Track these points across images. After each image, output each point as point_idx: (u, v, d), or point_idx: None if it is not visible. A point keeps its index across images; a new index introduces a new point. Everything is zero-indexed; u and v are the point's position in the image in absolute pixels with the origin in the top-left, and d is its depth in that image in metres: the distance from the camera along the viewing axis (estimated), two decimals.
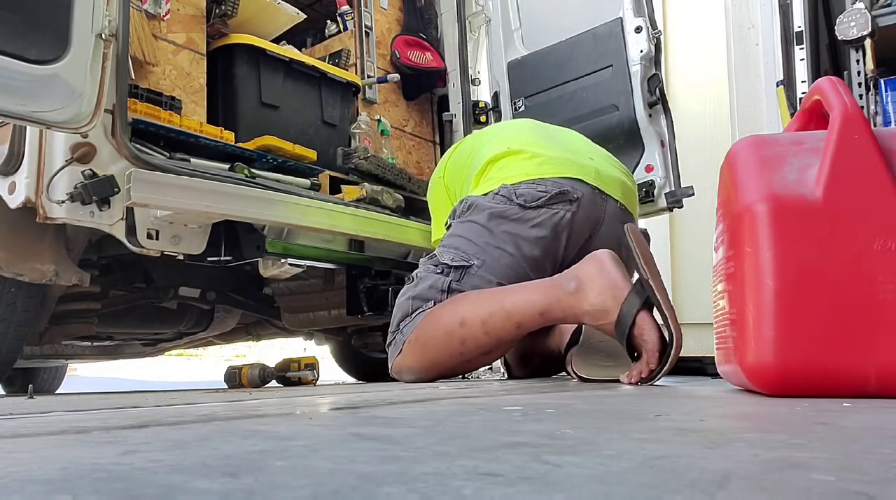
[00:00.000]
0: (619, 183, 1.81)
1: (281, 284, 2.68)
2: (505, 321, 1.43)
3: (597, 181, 1.74)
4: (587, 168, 1.76)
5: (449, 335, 1.46)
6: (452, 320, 1.46)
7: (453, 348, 1.46)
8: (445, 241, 1.68)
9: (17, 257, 1.70)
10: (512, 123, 2.23)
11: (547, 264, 1.67)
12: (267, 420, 0.72)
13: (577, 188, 1.69)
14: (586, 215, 1.70)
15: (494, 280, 1.57)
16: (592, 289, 1.39)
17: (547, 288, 1.44)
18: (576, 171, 1.73)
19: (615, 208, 1.77)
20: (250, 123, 2.14)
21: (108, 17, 1.37)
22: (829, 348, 1.01)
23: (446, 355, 1.48)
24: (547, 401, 0.96)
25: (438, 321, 1.48)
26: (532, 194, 1.64)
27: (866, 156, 1.05)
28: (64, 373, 4.26)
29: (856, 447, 0.52)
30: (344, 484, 0.36)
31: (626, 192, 1.83)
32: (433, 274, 1.58)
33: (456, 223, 1.70)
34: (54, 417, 0.81)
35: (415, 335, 1.51)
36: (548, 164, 1.73)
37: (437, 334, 1.47)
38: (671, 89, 3.35)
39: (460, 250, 1.61)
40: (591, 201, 1.71)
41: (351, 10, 2.66)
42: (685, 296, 3.30)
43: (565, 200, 1.66)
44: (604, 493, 0.34)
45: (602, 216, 1.74)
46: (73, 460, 0.44)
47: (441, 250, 1.64)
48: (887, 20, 1.86)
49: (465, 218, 1.67)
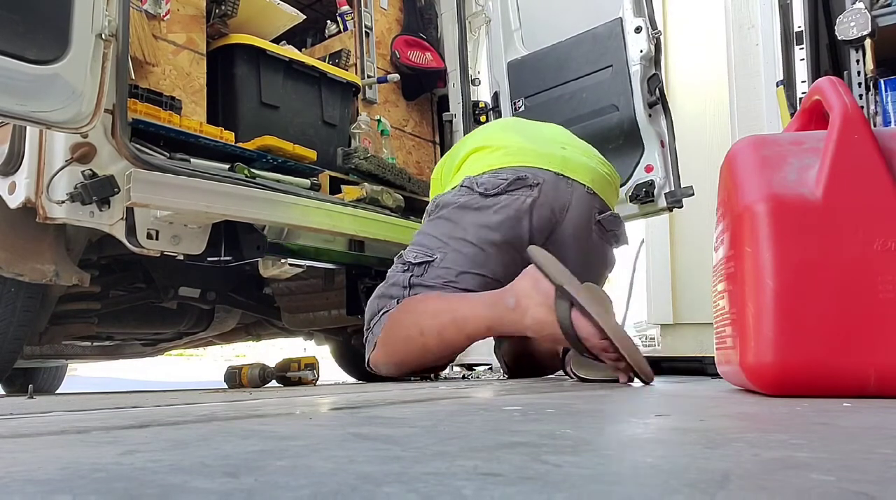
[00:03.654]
0: (587, 170, 1.83)
1: (281, 284, 2.68)
2: (457, 333, 1.58)
3: (562, 168, 1.78)
4: (553, 156, 1.80)
5: (412, 341, 1.62)
6: (413, 329, 1.62)
7: (417, 351, 1.63)
8: (414, 239, 1.80)
9: (17, 257, 1.70)
10: (496, 121, 2.25)
11: (513, 248, 1.72)
12: (267, 420, 0.72)
13: (537, 175, 1.75)
14: (549, 200, 1.74)
15: (456, 270, 1.68)
16: (530, 305, 1.49)
17: (492, 305, 1.55)
18: (538, 159, 1.78)
19: (583, 193, 1.79)
20: (250, 123, 2.14)
21: (108, 17, 1.37)
22: (829, 348, 1.01)
23: (412, 357, 1.65)
24: (547, 401, 0.96)
25: (400, 329, 1.64)
26: (492, 183, 1.73)
27: (866, 156, 1.05)
28: (64, 373, 4.25)
29: (856, 447, 0.52)
30: (344, 484, 0.36)
31: (596, 178, 1.84)
32: (398, 273, 1.74)
33: (426, 222, 1.82)
34: (54, 417, 0.81)
35: (383, 337, 1.68)
36: (510, 155, 1.79)
37: (401, 340, 1.64)
38: (671, 89, 3.35)
39: (424, 246, 1.73)
40: (554, 187, 1.75)
41: (351, 11, 2.66)
42: (685, 296, 3.30)
43: (525, 185, 1.72)
44: (604, 493, 0.34)
45: (569, 201, 1.77)
46: (73, 460, 0.44)
47: (408, 248, 1.78)
48: (887, 20, 1.86)
49: (434, 216, 1.79)
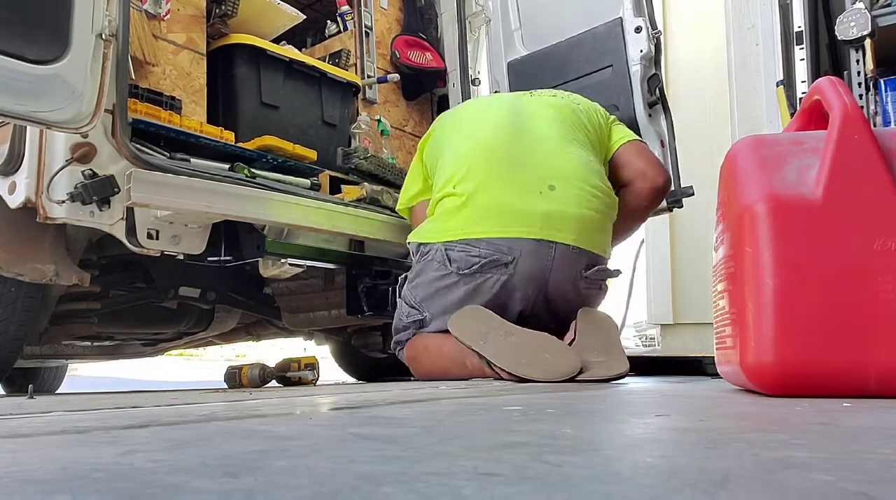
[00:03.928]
0: (574, 221, 1.74)
1: (281, 284, 2.67)
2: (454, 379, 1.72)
3: (543, 228, 1.71)
4: (533, 215, 1.72)
5: (426, 375, 1.83)
6: (421, 371, 1.85)
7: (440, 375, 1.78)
8: (411, 280, 1.87)
9: (17, 257, 1.70)
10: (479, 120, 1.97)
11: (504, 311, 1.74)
12: (267, 420, 0.72)
13: (513, 248, 1.71)
14: (527, 271, 1.72)
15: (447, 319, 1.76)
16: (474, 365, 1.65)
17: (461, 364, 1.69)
18: (515, 221, 1.71)
19: (566, 253, 1.73)
20: (250, 123, 2.14)
21: (108, 17, 1.37)
22: (829, 348, 1.01)
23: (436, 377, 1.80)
24: (547, 401, 0.96)
25: (416, 366, 1.86)
26: (465, 261, 1.73)
27: (866, 156, 1.05)
28: (64, 373, 4.25)
29: (856, 446, 0.52)
30: (344, 484, 0.36)
31: (584, 228, 1.76)
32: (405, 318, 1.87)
33: (415, 266, 1.88)
34: (54, 417, 0.81)
35: (407, 362, 1.90)
36: (484, 219, 1.74)
37: (419, 371, 1.86)
38: (671, 89, 3.35)
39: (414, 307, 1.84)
40: (533, 255, 1.72)
41: (351, 10, 2.65)
42: (685, 296, 3.30)
43: (499, 264, 1.71)
44: (604, 493, 0.34)
45: (550, 265, 1.73)
46: (73, 460, 0.44)
47: (408, 289, 1.87)
48: (887, 20, 1.86)
49: (420, 268, 1.84)
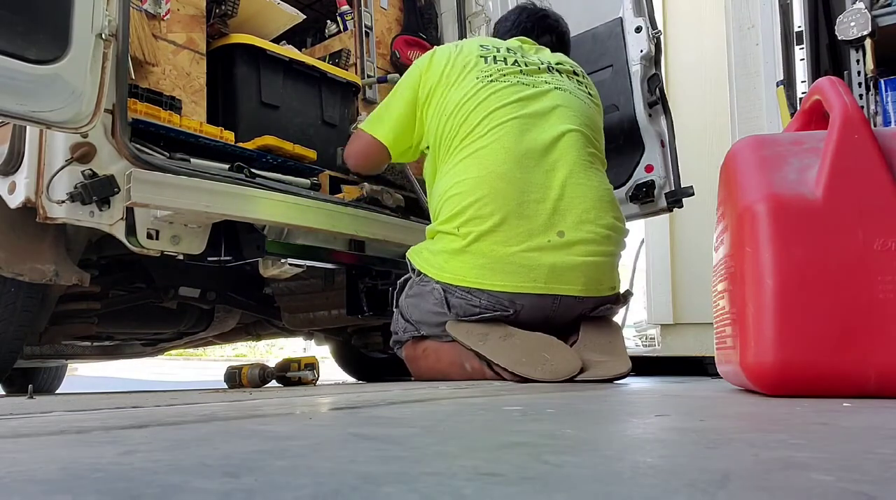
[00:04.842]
0: (580, 271, 1.67)
1: (281, 284, 2.67)
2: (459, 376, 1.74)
3: (546, 285, 1.65)
4: (537, 270, 1.65)
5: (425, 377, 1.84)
6: (420, 372, 1.86)
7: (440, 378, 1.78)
8: (408, 294, 1.84)
9: (17, 257, 1.70)
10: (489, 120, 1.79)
11: None
12: (267, 420, 0.72)
13: (515, 302, 1.66)
14: (529, 317, 1.68)
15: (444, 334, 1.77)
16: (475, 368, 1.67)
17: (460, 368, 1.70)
18: (519, 279, 1.65)
19: (570, 302, 1.69)
20: (250, 123, 2.14)
21: (108, 17, 1.37)
22: (829, 348, 1.01)
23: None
24: (547, 401, 0.96)
25: (415, 368, 1.87)
26: (465, 309, 1.70)
27: (866, 156, 1.05)
28: (64, 373, 4.25)
29: (856, 446, 0.52)
30: (344, 484, 0.36)
31: (592, 276, 1.69)
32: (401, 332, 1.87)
33: (413, 283, 1.84)
34: (54, 417, 0.81)
35: (407, 361, 1.91)
36: (486, 270, 1.66)
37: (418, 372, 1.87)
38: (671, 89, 3.35)
39: (410, 324, 1.84)
40: (536, 307, 1.67)
41: (351, 10, 2.65)
42: (685, 296, 3.30)
43: (500, 312, 1.67)
44: (604, 493, 0.34)
45: (552, 314, 1.70)
46: (73, 460, 0.44)
47: (405, 302, 1.85)
48: (887, 20, 1.86)
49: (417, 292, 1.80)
